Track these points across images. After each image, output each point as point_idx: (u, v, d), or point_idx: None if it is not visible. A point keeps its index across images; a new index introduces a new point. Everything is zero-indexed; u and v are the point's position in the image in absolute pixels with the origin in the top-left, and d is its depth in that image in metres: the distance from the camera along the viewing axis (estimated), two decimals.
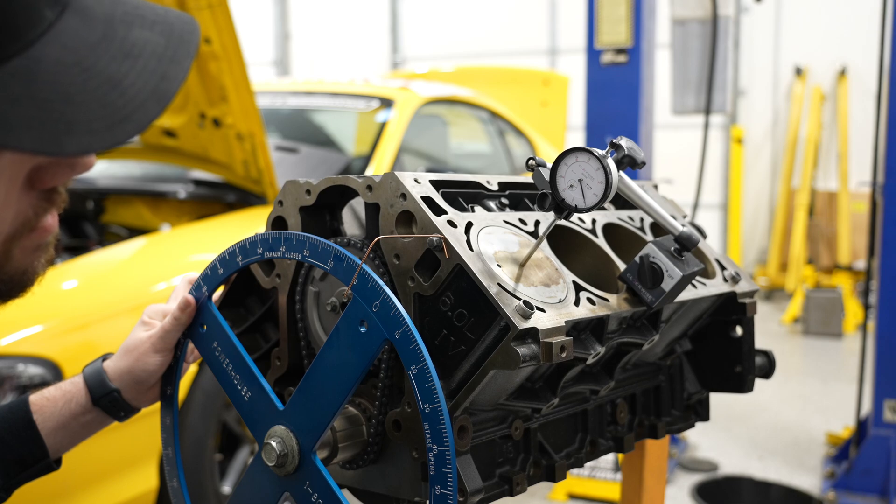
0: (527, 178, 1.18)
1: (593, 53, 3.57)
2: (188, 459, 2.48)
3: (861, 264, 7.76)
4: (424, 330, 1.02)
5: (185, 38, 0.72)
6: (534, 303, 0.98)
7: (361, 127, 4.25)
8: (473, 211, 1.13)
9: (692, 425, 1.45)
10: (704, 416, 1.46)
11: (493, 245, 1.05)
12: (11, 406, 1.12)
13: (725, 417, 4.55)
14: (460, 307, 0.99)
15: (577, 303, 1.05)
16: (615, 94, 3.53)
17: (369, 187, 1.06)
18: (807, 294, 6.97)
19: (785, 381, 5.37)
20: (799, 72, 8.83)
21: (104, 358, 1.16)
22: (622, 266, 1.18)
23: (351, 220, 1.16)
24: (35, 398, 1.12)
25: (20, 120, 0.62)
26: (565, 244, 1.23)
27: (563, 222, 1.20)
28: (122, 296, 2.46)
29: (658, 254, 1.09)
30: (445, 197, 1.09)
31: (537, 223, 1.17)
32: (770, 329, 7.09)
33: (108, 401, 1.12)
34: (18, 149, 0.62)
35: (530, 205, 1.24)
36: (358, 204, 1.19)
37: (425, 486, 1.01)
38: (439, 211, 1.03)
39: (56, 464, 1.13)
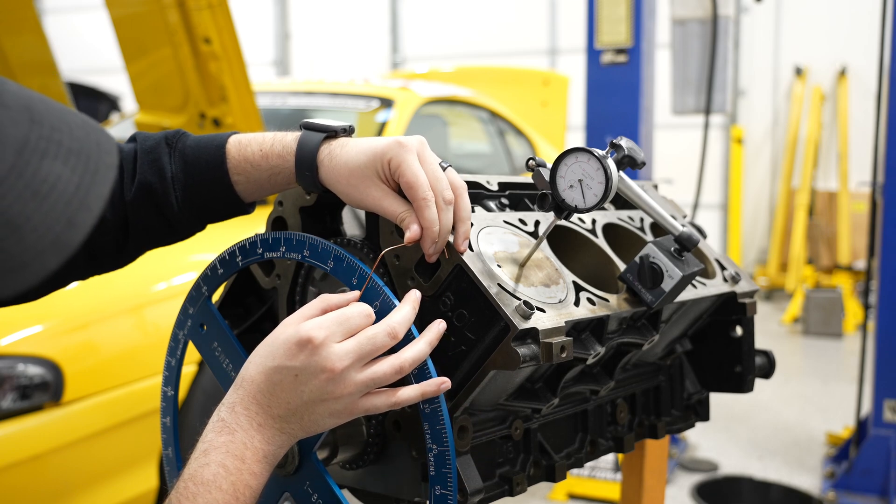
0: (527, 178, 1.18)
1: (593, 53, 3.56)
2: (188, 459, 2.48)
3: (861, 264, 7.76)
4: None
5: (101, 174, 0.63)
6: (534, 303, 0.98)
7: (361, 127, 4.25)
8: (473, 211, 1.13)
9: (692, 425, 1.45)
10: (704, 416, 1.46)
11: (493, 245, 1.05)
12: (210, 167, 1.05)
13: (725, 417, 4.54)
14: (460, 307, 0.99)
15: (577, 303, 1.05)
16: (615, 94, 3.53)
17: None
18: (807, 294, 6.97)
19: (785, 381, 5.37)
20: (799, 72, 8.83)
21: (314, 146, 1.02)
22: (622, 266, 1.18)
23: (351, 220, 1.16)
24: (236, 162, 1.05)
25: None
26: (565, 244, 1.23)
27: (562, 222, 1.20)
28: (122, 296, 2.46)
29: (658, 254, 1.09)
30: None
31: (537, 223, 1.17)
32: (770, 329, 7.09)
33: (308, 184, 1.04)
34: None
35: (530, 205, 1.24)
36: None
37: (425, 486, 1.01)
38: None
39: (251, 207, 1.11)
